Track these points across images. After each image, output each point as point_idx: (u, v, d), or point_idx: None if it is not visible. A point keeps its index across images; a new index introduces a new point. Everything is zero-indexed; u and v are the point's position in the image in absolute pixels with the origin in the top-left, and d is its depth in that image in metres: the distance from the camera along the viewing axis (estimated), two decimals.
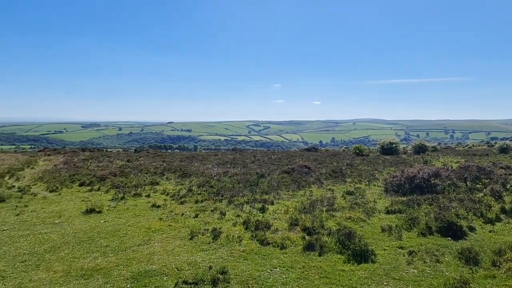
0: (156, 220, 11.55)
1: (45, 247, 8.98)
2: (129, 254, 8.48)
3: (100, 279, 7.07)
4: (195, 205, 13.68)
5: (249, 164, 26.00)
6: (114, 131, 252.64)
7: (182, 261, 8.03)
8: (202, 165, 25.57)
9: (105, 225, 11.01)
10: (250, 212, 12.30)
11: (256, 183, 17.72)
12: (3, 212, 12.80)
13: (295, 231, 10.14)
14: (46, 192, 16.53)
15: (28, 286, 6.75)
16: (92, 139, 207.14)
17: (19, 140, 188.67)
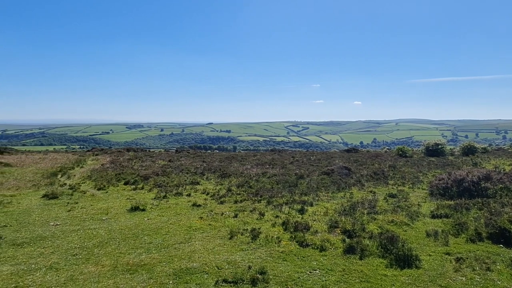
0: (197, 219, 11.81)
1: (94, 242, 9.46)
2: (171, 252, 8.73)
3: (144, 275, 7.34)
4: (234, 205, 13.84)
5: (287, 165, 25.91)
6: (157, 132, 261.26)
7: (222, 260, 8.14)
8: (241, 165, 25.81)
9: (148, 223, 11.41)
10: (289, 213, 12.26)
11: (295, 184, 17.63)
12: (56, 208, 13.62)
13: (335, 233, 9.98)
14: (94, 190, 17.39)
15: (79, 278, 7.14)
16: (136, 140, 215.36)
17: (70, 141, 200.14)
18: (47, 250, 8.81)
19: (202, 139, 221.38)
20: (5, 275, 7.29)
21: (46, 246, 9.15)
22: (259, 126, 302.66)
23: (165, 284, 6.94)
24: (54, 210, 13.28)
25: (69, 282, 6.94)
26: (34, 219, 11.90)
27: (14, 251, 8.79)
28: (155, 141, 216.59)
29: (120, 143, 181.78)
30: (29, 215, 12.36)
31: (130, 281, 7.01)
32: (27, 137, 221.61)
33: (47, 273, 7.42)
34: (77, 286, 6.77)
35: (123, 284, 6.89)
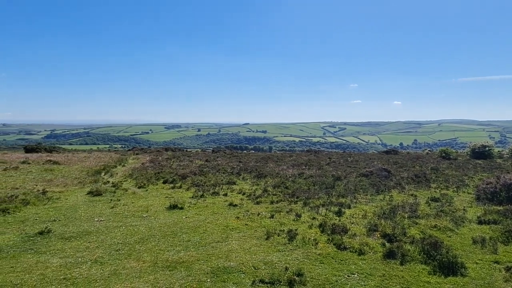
0: (233, 218, 11.91)
1: (135, 238, 9.79)
2: (208, 250, 8.87)
3: (183, 272, 7.50)
4: (270, 205, 13.83)
5: (324, 166, 25.57)
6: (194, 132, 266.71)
7: (259, 260, 8.16)
8: (277, 166, 25.78)
9: (186, 221, 11.65)
10: (326, 215, 12.08)
11: (332, 185, 17.35)
12: (100, 204, 14.23)
13: (374, 237, 9.71)
14: (135, 188, 18.01)
15: (122, 273, 7.42)
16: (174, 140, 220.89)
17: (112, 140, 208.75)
18: (92, 245, 9.23)
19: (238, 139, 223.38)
20: (54, 267, 7.71)
21: (92, 240, 9.58)
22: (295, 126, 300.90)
23: (203, 282, 7.05)
24: (98, 206, 13.87)
25: (113, 276, 7.23)
26: (80, 214, 12.51)
27: (62, 244, 9.28)
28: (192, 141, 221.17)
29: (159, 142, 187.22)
30: (76, 211, 13.00)
31: (170, 278, 7.19)
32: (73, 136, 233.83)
33: (93, 266, 7.77)
34: (120, 280, 7.03)
35: (163, 280, 7.08)
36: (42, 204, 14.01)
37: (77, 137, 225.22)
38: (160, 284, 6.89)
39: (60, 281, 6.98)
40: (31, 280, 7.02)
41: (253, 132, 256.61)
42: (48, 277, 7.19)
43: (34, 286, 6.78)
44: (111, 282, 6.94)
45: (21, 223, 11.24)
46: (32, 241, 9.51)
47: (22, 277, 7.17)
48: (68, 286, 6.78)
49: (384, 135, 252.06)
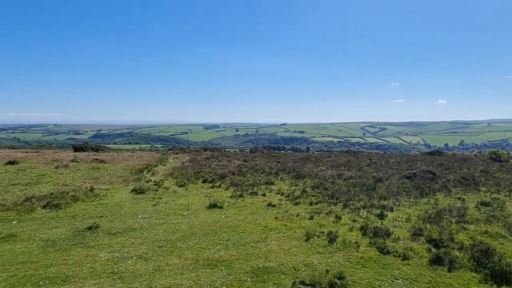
0: (272, 219, 11.91)
1: (177, 236, 10.05)
2: (248, 250, 8.92)
3: (223, 270, 7.60)
4: (309, 206, 13.70)
5: (364, 167, 24.95)
6: (232, 132, 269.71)
7: (299, 262, 8.10)
8: (315, 166, 25.48)
9: (226, 220, 11.79)
10: (367, 218, 11.78)
11: (373, 187, 16.90)
12: (143, 202, 14.73)
13: (419, 241, 9.35)
14: (175, 186, 18.47)
15: (165, 269, 7.64)
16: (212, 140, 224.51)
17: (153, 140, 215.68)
18: (137, 241, 9.58)
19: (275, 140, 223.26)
20: (103, 261, 8.08)
21: (136, 237, 9.95)
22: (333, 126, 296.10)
23: (243, 281, 7.11)
24: (142, 204, 14.37)
25: (157, 272, 7.46)
26: (125, 211, 13.02)
27: (109, 239, 9.70)
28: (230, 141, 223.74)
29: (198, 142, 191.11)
30: (121, 208, 13.54)
31: (211, 276, 7.31)
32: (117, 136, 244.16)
33: (138, 262, 8.06)
34: (164, 276, 7.24)
35: (205, 278, 7.21)
36: (90, 200, 14.72)
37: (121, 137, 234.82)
38: (201, 282, 7.02)
39: (108, 275, 7.31)
40: (81, 273, 7.39)
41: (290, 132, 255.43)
42: (97, 270, 7.55)
43: (85, 278, 7.13)
44: (155, 278, 7.16)
45: (71, 218, 11.88)
46: (81, 235, 10.02)
47: (74, 269, 7.58)
48: (116, 279, 7.08)
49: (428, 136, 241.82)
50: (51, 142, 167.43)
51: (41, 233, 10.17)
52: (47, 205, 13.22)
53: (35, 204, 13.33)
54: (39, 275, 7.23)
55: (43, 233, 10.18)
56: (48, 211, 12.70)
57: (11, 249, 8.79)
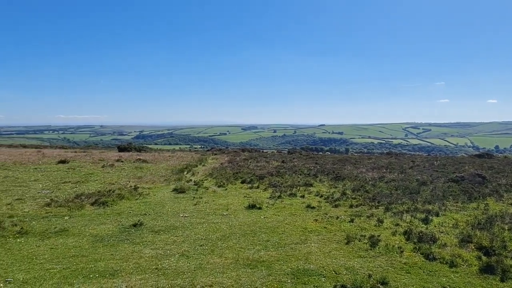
0: (312, 221, 11.80)
1: (217, 235, 10.22)
2: (287, 251, 8.90)
3: (263, 271, 7.63)
4: (349, 209, 13.45)
5: (407, 170, 24.10)
6: (269, 133, 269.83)
7: (339, 265, 7.97)
8: (355, 168, 24.96)
9: (265, 221, 11.83)
10: (411, 222, 11.37)
11: (416, 190, 16.28)
12: (184, 201, 15.11)
13: (468, 248, 8.90)
14: (215, 187, 18.78)
15: (206, 267, 7.80)
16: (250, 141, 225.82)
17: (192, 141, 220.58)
18: (179, 239, 9.84)
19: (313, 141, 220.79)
20: (147, 257, 8.38)
21: (178, 235, 10.22)
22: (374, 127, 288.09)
23: (283, 282, 7.10)
24: (183, 203, 14.74)
25: (198, 270, 7.62)
26: (167, 210, 13.41)
27: (153, 237, 10.04)
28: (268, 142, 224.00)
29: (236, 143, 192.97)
30: (163, 206, 13.97)
31: (251, 276, 7.37)
32: (158, 137, 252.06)
33: (180, 259, 8.28)
34: (205, 274, 7.39)
35: (245, 277, 7.27)
36: (134, 198, 15.31)
37: (162, 138, 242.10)
38: (242, 281, 7.09)
39: (152, 271, 7.57)
40: (128, 268, 7.71)
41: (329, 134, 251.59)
42: (142, 266, 7.84)
43: (131, 273, 7.43)
44: (197, 275, 7.32)
45: (117, 215, 12.42)
46: (127, 232, 10.44)
47: (121, 264, 7.92)
48: (160, 276, 7.32)
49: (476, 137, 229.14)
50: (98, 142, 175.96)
51: (90, 228, 10.72)
52: (95, 202, 13.91)
53: (84, 201, 14.06)
54: (89, 269, 7.63)
55: (92, 228, 10.72)
56: (96, 208, 13.35)
57: (63, 243, 9.34)
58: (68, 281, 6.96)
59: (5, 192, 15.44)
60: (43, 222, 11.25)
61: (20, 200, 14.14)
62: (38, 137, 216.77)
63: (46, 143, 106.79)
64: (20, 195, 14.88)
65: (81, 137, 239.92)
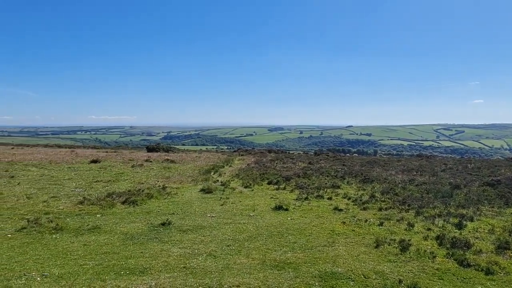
0: (339, 223, 11.63)
1: (244, 236, 10.24)
2: (315, 253, 8.80)
3: (291, 273, 7.58)
4: (378, 212, 13.16)
5: (439, 173, 23.33)
6: (296, 134, 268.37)
7: (368, 269, 7.80)
8: (384, 170, 24.41)
9: (292, 223, 11.77)
10: (444, 227, 10.98)
11: (449, 194, 15.73)
12: (211, 201, 15.25)
13: (506, 256, 8.50)
14: (241, 187, 18.86)
15: (233, 267, 7.83)
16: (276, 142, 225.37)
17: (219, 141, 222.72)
18: (206, 239, 9.94)
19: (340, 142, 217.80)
20: (175, 256, 8.51)
21: (205, 234, 10.33)
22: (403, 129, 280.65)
23: (311, 285, 7.02)
24: (210, 203, 14.88)
25: (226, 270, 7.66)
26: (194, 209, 13.58)
27: (181, 236, 10.19)
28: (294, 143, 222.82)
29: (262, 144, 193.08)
30: (191, 206, 14.16)
31: (278, 277, 7.33)
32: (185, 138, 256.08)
33: (207, 259, 8.36)
34: (233, 275, 7.42)
35: (272, 279, 7.25)
36: (162, 198, 15.61)
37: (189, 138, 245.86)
38: (269, 283, 7.07)
39: (180, 269, 7.67)
40: (157, 266, 7.86)
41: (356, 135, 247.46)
42: (171, 264, 7.96)
43: (160, 271, 7.57)
44: (224, 275, 7.36)
45: (146, 214, 12.69)
46: (156, 230, 10.65)
47: (150, 262, 8.08)
48: (188, 274, 7.41)
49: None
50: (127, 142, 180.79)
51: (121, 226, 11.00)
52: (125, 201, 14.27)
53: (115, 199, 14.46)
54: (120, 266, 7.83)
55: (122, 226, 11.00)
56: (126, 207, 13.69)
57: (96, 240, 9.63)
58: (101, 277, 7.16)
59: (41, 189, 16.12)
60: (76, 219, 11.67)
61: (55, 197, 14.71)
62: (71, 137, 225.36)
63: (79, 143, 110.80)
64: (55, 193, 15.48)
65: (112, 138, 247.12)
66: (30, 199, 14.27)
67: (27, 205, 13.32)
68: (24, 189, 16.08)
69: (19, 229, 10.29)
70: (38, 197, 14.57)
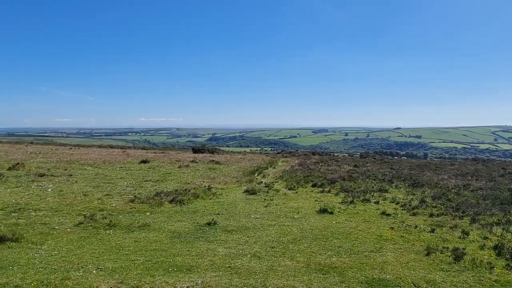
0: (387, 228, 11.25)
1: (288, 238, 10.21)
2: (361, 259, 8.57)
3: (336, 277, 7.44)
4: (429, 218, 12.56)
5: (497, 178, 21.81)
6: (341, 136, 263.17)
7: (419, 277, 7.47)
8: (435, 175, 23.24)
9: (337, 226, 11.55)
10: (503, 236, 10.25)
11: (509, 201, 14.65)
12: (255, 202, 15.35)
13: None
14: (285, 189, 18.80)
15: (278, 269, 7.83)
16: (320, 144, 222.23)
17: (263, 143, 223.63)
18: (250, 239, 10.02)
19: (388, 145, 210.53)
20: (221, 255, 8.67)
21: (250, 235, 10.42)
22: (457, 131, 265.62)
23: None
24: (254, 204, 14.99)
25: (270, 271, 7.68)
26: (239, 210, 13.75)
27: (226, 236, 10.36)
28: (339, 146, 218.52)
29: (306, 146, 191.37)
30: (235, 207, 14.34)
31: (323, 281, 7.23)
32: (230, 139, 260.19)
33: (252, 259, 8.43)
34: (277, 276, 7.42)
35: (317, 283, 7.16)
36: (208, 198, 15.95)
37: (233, 140, 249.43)
38: (314, 286, 6.99)
39: (226, 269, 7.80)
40: (203, 264, 8.05)
41: (405, 137, 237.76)
42: (216, 263, 8.12)
43: (206, 270, 7.74)
44: (269, 277, 7.38)
45: (193, 214, 13.03)
46: (202, 230, 10.91)
47: (196, 260, 8.29)
48: (233, 274, 7.51)
49: None
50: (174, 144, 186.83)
51: (169, 225, 11.39)
52: (173, 200, 14.75)
53: (163, 198, 14.99)
54: (169, 263, 8.10)
55: (170, 225, 11.39)
56: (174, 206, 14.15)
57: (146, 237, 10.05)
58: (150, 273, 7.46)
59: (96, 188, 17.08)
60: (128, 217, 12.24)
61: (109, 195, 15.53)
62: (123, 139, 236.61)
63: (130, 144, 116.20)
64: (108, 191, 16.34)
65: (160, 139, 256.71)
66: (86, 196, 15.17)
67: (83, 202, 14.18)
68: (81, 187, 17.13)
69: (77, 224, 10.98)
70: (93, 195, 15.45)
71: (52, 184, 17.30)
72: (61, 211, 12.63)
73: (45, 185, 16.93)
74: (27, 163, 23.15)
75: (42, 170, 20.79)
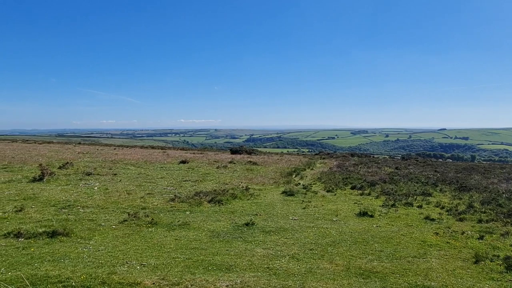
0: (431, 234, 10.79)
1: (326, 241, 10.06)
2: (403, 264, 8.28)
3: (377, 282, 7.23)
4: (477, 224, 11.92)
5: None
6: (381, 137, 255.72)
7: (466, 286, 7.10)
8: (484, 178, 22.02)
9: (377, 230, 11.23)
10: None
11: None
12: (293, 204, 15.27)
13: None
14: (323, 191, 18.55)
15: (316, 272, 7.73)
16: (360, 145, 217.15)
17: (300, 144, 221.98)
18: (289, 241, 9.98)
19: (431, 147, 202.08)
20: (259, 256, 8.69)
21: (288, 237, 10.37)
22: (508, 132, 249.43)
23: None
24: (292, 206, 14.91)
25: (309, 274, 7.60)
26: (277, 211, 13.73)
27: (264, 237, 10.38)
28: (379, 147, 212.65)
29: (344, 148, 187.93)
30: (273, 208, 14.34)
31: (364, 286, 7.05)
32: (267, 140, 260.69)
33: (290, 261, 8.38)
34: (316, 279, 7.32)
35: (357, 287, 6.99)
36: (246, 198, 16.05)
37: (270, 141, 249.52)
38: None
39: (264, 270, 7.81)
40: (241, 264, 8.11)
41: (450, 139, 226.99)
42: (255, 264, 8.15)
43: (245, 270, 7.79)
44: (307, 279, 7.30)
45: (231, 214, 13.18)
46: (240, 230, 11.00)
47: (235, 260, 8.37)
48: (271, 275, 7.51)
49: None
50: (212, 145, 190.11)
51: (208, 224, 11.59)
52: (211, 200, 15.00)
53: (202, 198, 15.27)
54: (208, 261, 8.24)
55: (209, 224, 11.58)
56: (212, 206, 14.38)
57: (186, 235, 10.29)
58: (191, 271, 7.62)
59: (139, 187, 17.72)
60: (168, 215, 12.59)
61: (150, 194, 16.06)
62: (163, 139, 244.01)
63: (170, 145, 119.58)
64: (150, 190, 16.90)
65: (198, 140, 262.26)
66: (130, 194, 15.77)
67: (127, 200, 14.75)
68: (124, 185, 17.84)
69: (122, 221, 11.45)
70: (136, 193, 16.04)
71: (98, 182, 18.17)
72: (106, 208, 13.21)
73: (92, 184, 17.81)
74: (75, 162, 24.49)
75: (89, 169, 21.88)
